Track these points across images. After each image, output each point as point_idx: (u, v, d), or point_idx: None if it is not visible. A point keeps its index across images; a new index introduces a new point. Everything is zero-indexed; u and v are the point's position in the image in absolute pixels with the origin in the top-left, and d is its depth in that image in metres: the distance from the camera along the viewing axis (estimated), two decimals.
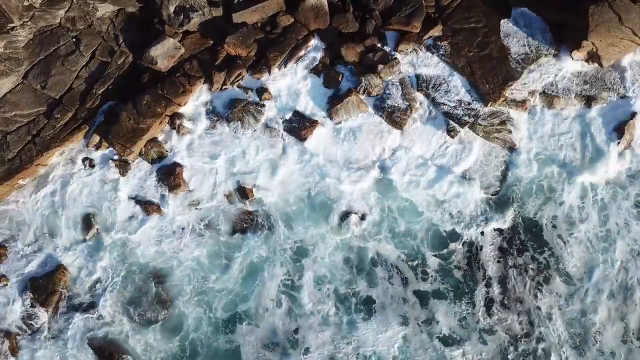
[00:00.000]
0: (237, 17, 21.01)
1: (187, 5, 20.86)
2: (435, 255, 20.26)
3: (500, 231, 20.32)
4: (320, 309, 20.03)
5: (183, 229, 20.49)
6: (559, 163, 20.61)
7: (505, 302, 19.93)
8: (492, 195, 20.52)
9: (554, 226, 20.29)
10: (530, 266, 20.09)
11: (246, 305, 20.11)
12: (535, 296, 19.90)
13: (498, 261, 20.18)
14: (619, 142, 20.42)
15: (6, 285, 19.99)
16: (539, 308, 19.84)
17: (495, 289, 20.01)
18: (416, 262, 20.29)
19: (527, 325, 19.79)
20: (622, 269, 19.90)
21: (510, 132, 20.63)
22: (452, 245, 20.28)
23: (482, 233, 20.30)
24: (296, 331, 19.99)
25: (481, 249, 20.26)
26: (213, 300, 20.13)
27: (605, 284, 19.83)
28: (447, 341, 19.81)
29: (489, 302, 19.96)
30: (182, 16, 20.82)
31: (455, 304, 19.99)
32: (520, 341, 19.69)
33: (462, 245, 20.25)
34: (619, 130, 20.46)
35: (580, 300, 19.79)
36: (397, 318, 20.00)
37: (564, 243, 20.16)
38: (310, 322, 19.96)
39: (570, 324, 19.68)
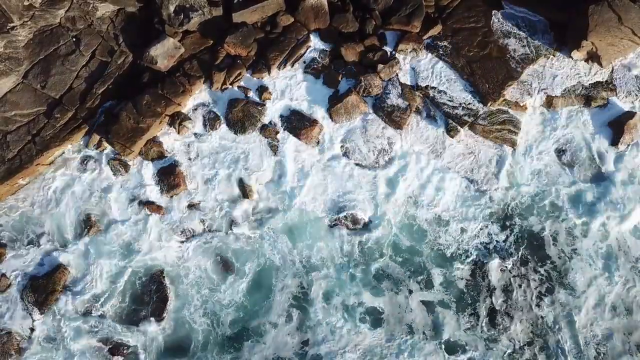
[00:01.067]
0: (237, 17, 21.03)
1: (187, 5, 20.87)
2: (440, 271, 20.12)
3: (504, 245, 20.27)
4: (328, 320, 19.77)
5: (188, 238, 20.41)
6: (558, 169, 20.62)
7: (509, 312, 19.74)
8: (491, 196, 20.50)
9: (555, 240, 20.13)
10: (533, 277, 19.89)
11: (253, 318, 19.91)
12: (539, 306, 19.73)
13: (502, 271, 20.00)
14: (617, 144, 20.44)
15: (6, 284, 19.96)
16: (542, 317, 19.67)
17: (499, 299, 19.81)
18: (421, 276, 20.07)
19: (530, 335, 19.59)
20: (624, 284, 19.72)
21: (510, 131, 20.63)
22: (456, 264, 20.13)
23: (488, 251, 20.21)
24: (305, 343, 19.74)
25: (485, 263, 20.14)
26: (218, 310, 19.98)
27: (608, 297, 19.62)
28: (455, 349, 19.60)
29: (492, 312, 19.75)
30: (182, 16, 20.83)
31: (459, 314, 19.77)
32: (524, 350, 19.48)
33: (468, 264, 20.16)
34: (617, 130, 20.48)
35: (582, 312, 19.59)
36: (405, 327, 19.80)
37: (568, 258, 19.99)
38: (318, 333, 19.70)
39: (574, 336, 19.48)
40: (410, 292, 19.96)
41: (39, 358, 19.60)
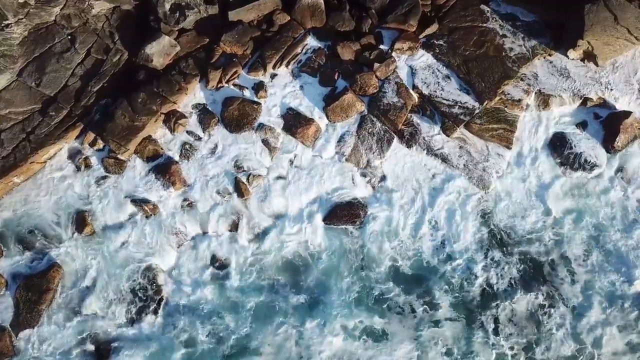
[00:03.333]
0: (233, 15, 21.02)
1: (183, 3, 20.85)
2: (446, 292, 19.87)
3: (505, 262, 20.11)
4: (331, 340, 19.43)
5: (184, 236, 20.21)
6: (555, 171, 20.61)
7: (514, 322, 19.52)
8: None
9: (557, 259, 19.93)
10: (534, 294, 19.69)
11: (252, 342, 19.61)
12: (543, 317, 19.56)
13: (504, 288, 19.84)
14: (613, 144, 20.45)
15: (0, 283, 19.88)
16: (545, 327, 19.51)
17: (503, 312, 19.60)
18: (426, 298, 19.80)
19: (533, 342, 19.45)
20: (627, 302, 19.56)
21: (506, 130, 20.62)
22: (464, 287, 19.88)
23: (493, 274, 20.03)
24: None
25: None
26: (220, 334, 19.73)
27: (608, 316, 19.43)
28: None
29: (497, 324, 19.50)
30: (177, 14, 20.81)
31: (466, 327, 19.51)
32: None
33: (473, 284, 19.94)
34: (613, 129, 20.47)
35: (584, 327, 19.43)
36: (410, 340, 19.46)
37: (570, 275, 19.82)
38: (320, 349, 19.39)
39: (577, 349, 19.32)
40: (415, 314, 19.72)
41: (33, 357, 19.51)
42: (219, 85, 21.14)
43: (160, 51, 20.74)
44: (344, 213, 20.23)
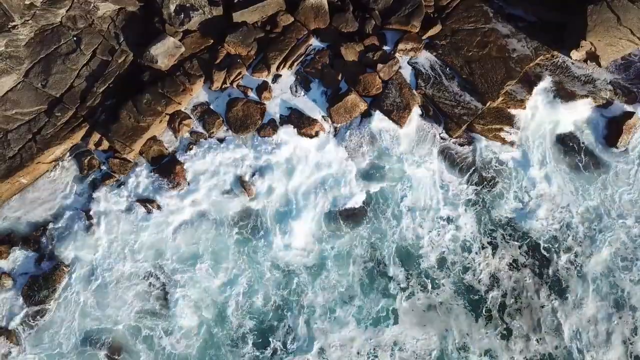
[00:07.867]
0: (237, 17, 21.14)
1: (188, 5, 20.97)
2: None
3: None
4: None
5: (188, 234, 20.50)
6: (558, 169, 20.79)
7: (519, 310, 19.87)
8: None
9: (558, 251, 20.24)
10: (537, 281, 20.03)
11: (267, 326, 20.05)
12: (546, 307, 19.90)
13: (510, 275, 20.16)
14: (616, 144, 20.52)
15: (6, 283, 20.02)
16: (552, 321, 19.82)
17: (509, 300, 19.94)
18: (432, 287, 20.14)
19: (537, 331, 19.74)
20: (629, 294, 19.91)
21: (508, 131, 20.69)
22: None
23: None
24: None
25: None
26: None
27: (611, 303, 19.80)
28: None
29: (501, 310, 19.88)
30: (182, 15, 20.93)
31: (472, 316, 19.86)
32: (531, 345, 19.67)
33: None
34: (616, 130, 20.52)
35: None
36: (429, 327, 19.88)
37: (574, 268, 20.12)
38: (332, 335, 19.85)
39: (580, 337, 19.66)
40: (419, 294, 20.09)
41: (38, 357, 19.66)
42: (223, 86, 21.26)
43: (164, 52, 20.87)
44: (347, 211, 20.42)
